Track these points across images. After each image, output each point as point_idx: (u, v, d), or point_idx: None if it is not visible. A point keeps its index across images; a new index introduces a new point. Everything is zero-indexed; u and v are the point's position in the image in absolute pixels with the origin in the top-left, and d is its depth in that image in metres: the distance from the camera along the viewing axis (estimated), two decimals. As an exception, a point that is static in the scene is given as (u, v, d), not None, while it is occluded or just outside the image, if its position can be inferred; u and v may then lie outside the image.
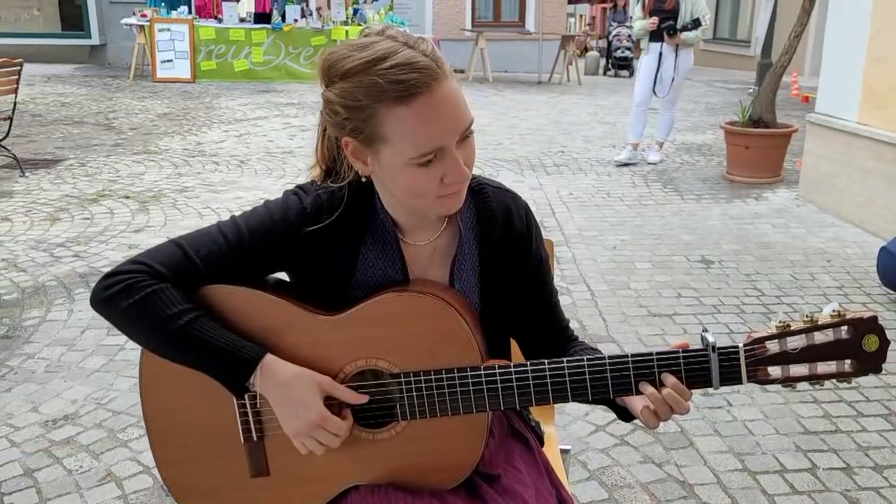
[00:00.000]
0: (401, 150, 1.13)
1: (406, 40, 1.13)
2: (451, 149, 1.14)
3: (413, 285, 1.27)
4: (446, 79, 1.12)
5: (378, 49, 1.11)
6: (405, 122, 1.11)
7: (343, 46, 1.16)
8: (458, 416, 1.21)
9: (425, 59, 1.11)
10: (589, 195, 5.94)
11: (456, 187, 1.18)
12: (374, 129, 1.13)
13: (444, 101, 1.12)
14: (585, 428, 2.79)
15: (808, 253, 4.69)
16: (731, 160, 6.50)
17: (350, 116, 1.14)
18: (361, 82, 1.11)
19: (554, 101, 11.40)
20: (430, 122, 1.11)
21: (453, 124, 1.13)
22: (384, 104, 1.10)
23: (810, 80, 12.87)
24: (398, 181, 1.18)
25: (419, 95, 1.09)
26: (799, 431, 2.79)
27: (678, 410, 1.18)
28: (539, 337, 1.38)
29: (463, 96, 1.16)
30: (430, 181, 1.15)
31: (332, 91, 1.16)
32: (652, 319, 3.72)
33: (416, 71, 1.09)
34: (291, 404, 1.18)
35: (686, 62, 6.80)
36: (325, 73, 1.17)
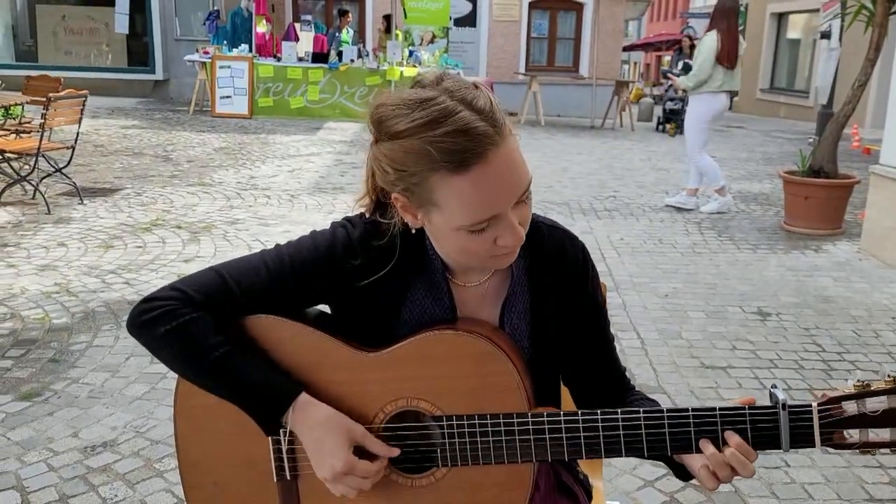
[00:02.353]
0: (453, 217, 1.07)
1: (463, 96, 1.05)
2: (507, 213, 1.08)
3: (461, 324, 1.21)
4: (504, 142, 1.05)
5: (432, 110, 1.04)
6: (458, 191, 1.04)
7: (395, 100, 1.09)
8: (502, 465, 1.14)
9: (482, 125, 1.03)
10: (641, 241, 5.82)
11: (509, 249, 1.12)
12: (425, 194, 1.07)
13: (501, 169, 1.04)
14: (633, 483, 2.66)
15: (871, 309, 4.49)
16: (790, 210, 6.32)
17: (400, 178, 1.09)
18: (413, 147, 1.04)
19: (606, 145, 11.33)
20: (485, 192, 1.04)
21: (510, 191, 1.07)
22: (436, 173, 1.04)
23: (871, 133, 12.58)
24: (450, 242, 1.12)
25: (474, 165, 1.03)
26: (864, 498, 2.62)
27: (742, 473, 1.08)
28: (593, 385, 1.29)
29: (521, 156, 1.08)
30: (483, 244, 1.10)
31: (381, 148, 1.10)
32: (705, 371, 3.57)
33: (472, 139, 1.02)
34: (320, 449, 1.12)
35: (693, 109, 6.72)
36: (376, 127, 1.11)
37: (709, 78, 6.56)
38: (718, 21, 6.54)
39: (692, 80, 6.63)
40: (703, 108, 6.71)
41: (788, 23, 20.05)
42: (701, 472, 1.10)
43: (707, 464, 1.09)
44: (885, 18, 5.81)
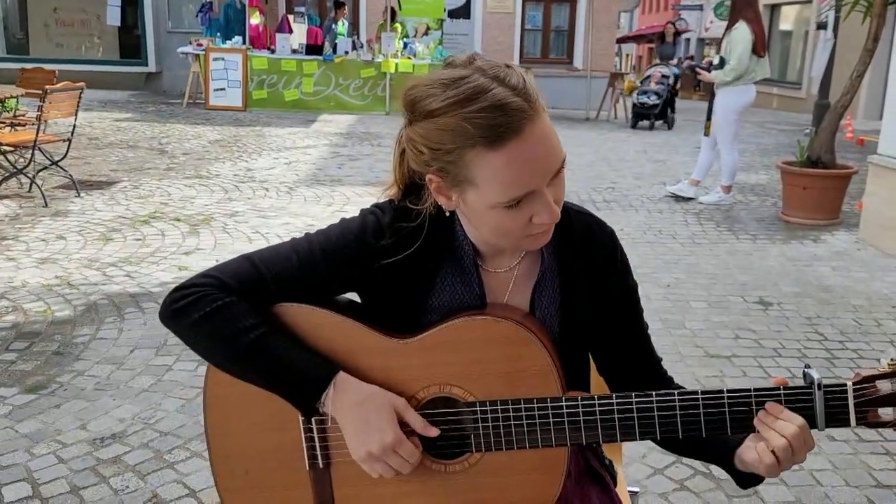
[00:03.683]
0: (489, 194, 1.07)
1: (495, 73, 1.05)
2: (543, 190, 1.08)
3: (491, 310, 1.20)
4: (539, 117, 1.05)
5: (466, 87, 1.04)
6: (495, 167, 1.04)
7: (427, 80, 1.09)
8: (535, 450, 1.14)
9: (517, 100, 1.03)
10: (641, 232, 5.83)
11: (545, 227, 1.12)
12: (461, 171, 1.07)
13: (536, 144, 1.05)
14: (643, 471, 2.67)
15: (871, 298, 4.51)
16: (788, 201, 6.34)
17: (435, 157, 1.08)
18: (448, 125, 1.04)
19: (602, 137, 11.33)
20: (521, 167, 1.04)
21: (546, 166, 1.07)
22: (472, 149, 1.04)
23: (863, 124, 12.63)
24: (484, 221, 1.12)
25: (510, 140, 1.03)
26: (871, 484, 2.64)
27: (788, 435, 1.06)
28: (628, 371, 1.29)
29: (554, 132, 1.08)
30: (519, 222, 1.09)
31: (415, 129, 1.10)
32: (709, 360, 3.59)
33: (507, 114, 1.02)
34: (366, 424, 1.11)
35: (724, 102, 6.64)
36: (409, 108, 1.10)
37: (745, 69, 6.48)
38: (744, 10, 6.41)
39: (731, 73, 6.46)
40: (734, 99, 6.60)
41: (781, 14, 20.08)
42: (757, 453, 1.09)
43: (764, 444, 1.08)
44: (883, 8, 5.82)
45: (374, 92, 12.77)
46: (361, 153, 8.97)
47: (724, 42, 6.62)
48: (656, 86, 12.75)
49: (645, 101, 12.70)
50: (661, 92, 12.67)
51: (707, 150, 6.95)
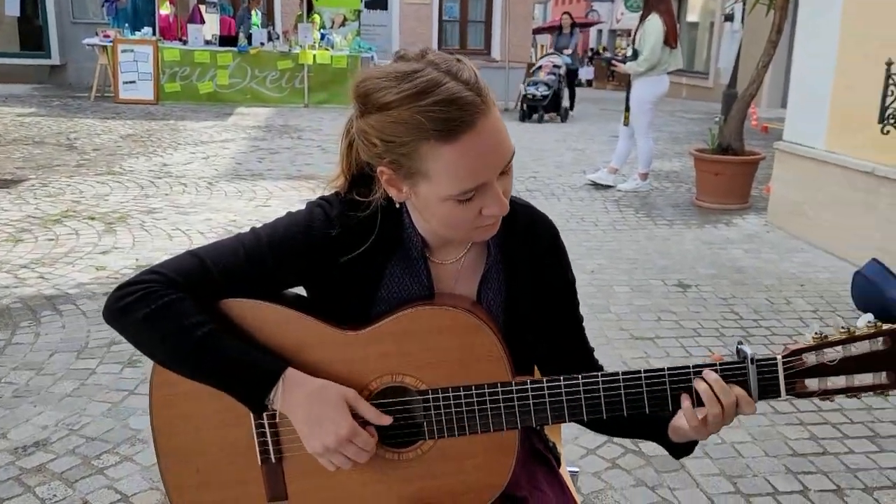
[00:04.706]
0: (442, 186, 1.08)
1: (448, 67, 1.07)
2: (493, 183, 1.10)
3: (440, 299, 1.22)
4: (490, 111, 1.07)
5: (420, 81, 1.05)
6: (448, 160, 1.06)
7: (379, 73, 1.09)
8: (487, 434, 1.17)
9: (469, 94, 1.05)
10: (564, 220, 5.96)
11: (494, 219, 1.14)
12: (414, 164, 1.08)
13: (488, 137, 1.06)
14: (577, 452, 2.75)
15: (781, 278, 4.75)
16: (701, 187, 6.60)
17: (388, 150, 1.09)
18: (402, 118, 1.05)
19: (521, 127, 11.48)
20: (474, 160, 1.06)
21: (497, 159, 1.09)
22: (426, 142, 1.05)
23: (767, 112, 13.21)
24: (435, 213, 1.13)
25: (463, 133, 1.04)
26: (788, 454, 2.79)
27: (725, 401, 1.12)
28: (563, 362, 1.32)
29: (504, 125, 1.10)
30: (469, 214, 1.11)
31: (367, 121, 1.10)
32: (634, 343, 3.71)
33: (461, 108, 1.04)
34: (318, 418, 1.11)
35: (639, 92, 6.86)
36: (361, 101, 1.10)
37: (658, 60, 6.71)
38: (656, 3, 6.65)
39: (644, 64, 6.68)
40: (649, 90, 6.83)
41: (688, 6, 20.77)
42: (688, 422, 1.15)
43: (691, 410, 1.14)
44: (785, 1, 6.10)
45: (291, 84, 12.56)
46: (282, 146, 8.83)
47: (638, 34, 6.82)
48: (546, 76, 12.23)
49: (534, 93, 12.06)
50: (552, 83, 12.15)
51: (625, 138, 7.16)
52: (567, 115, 12.67)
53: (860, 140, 4.93)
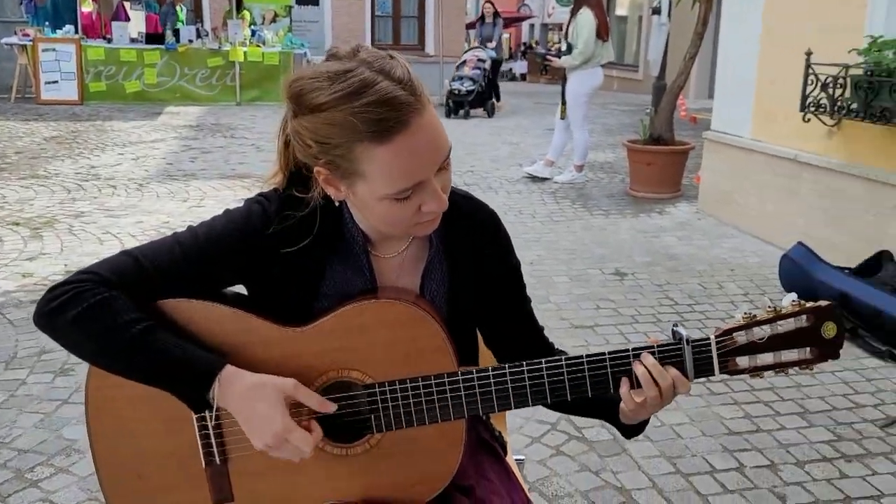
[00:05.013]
0: (378, 186, 1.08)
1: (381, 66, 1.06)
2: (431, 180, 1.09)
3: (384, 293, 1.22)
4: (425, 109, 1.06)
5: (352, 81, 1.03)
6: (383, 161, 1.05)
7: (312, 73, 1.07)
8: (434, 426, 1.17)
9: (403, 94, 1.04)
10: (502, 212, 5.88)
11: (434, 215, 1.14)
12: (350, 165, 1.07)
13: (423, 136, 1.06)
14: (522, 441, 2.78)
15: (712, 263, 4.90)
16: (634, 177, 6.74)
17: (323, 151, 1.08)
18: (335, 119, 1.04)
19: (456, 122, 11.52)
20: (409, 160, 1.06)
21: (433, 157, 1.09)
22: (361, 143, 1.04)
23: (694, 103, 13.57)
24: (375, 211, 1.13)
25: (398, 134, 1.04)
26: (724, 432, 2.88)
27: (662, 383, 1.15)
28: (515, 345, 1.34)
29: (440, 122, 1.10)
30: (408, 211, 1.11)
31: (301, 123, 1.08)
32: (575, 331, 3.77)
33: (395, 108, 1.03)
34: (254, 416, 1.10)
35: (574, 85, 6.97)
36: (294, 101, 1.09)
37: (592, 54, 6.82)
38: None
39: (579, 58, 6.79)
40: (584, 83, 6.94)
41: (616, 0, 21.15)
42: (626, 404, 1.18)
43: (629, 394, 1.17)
44: (709, -5, 6.28)
45: (223, 82, 12.32)
46: (214, 145, 8.65)
47: (570, 28, 6.93)
48: (471, 71, 11.98)
49: (459, 88, 11.81)
50: (477, 77, 11.90)
51: (561, 131, 7.26)
52: (493, 109, 12.49)
53: (783, 128, 5.11)
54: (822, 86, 4.51)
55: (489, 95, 12.33)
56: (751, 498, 2.47)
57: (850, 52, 4.25)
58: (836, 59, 4.37)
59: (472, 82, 11.87)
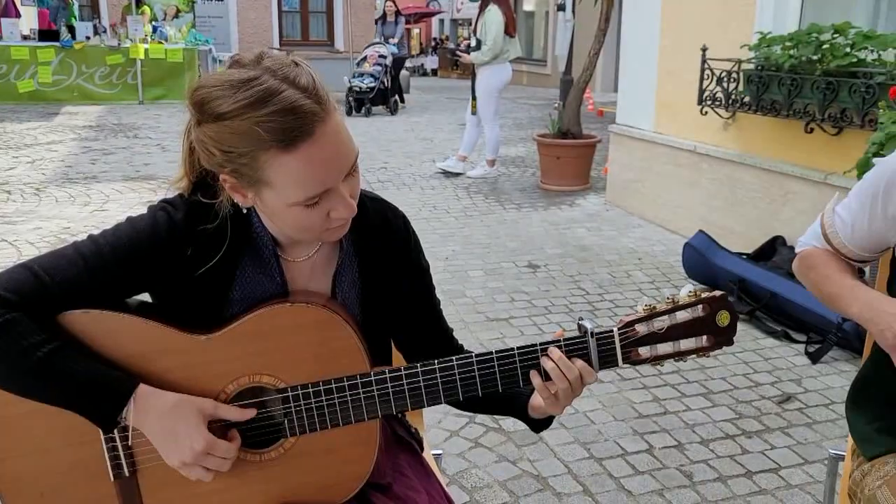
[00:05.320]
0: (285, 194, 1.08)
1: (285, 74, 1.05)
2: (338, 187, 1.10)
3: (295, 297, 1.22)
4: (330, 117, 1.06)
5: (256, 90, 1.03)
6: (289, 169, 1.05)
7: (215, 81, 1.06)
8: (349, 426, 1.18)
9: (308, 102, 1.03)
10: (416, 209, 6.04)
11: (343, 221, 1.15)
12: (255, 173, 1.07)
13: (329, 144, 1.06)
14: (440, 435, 2.82)
15: (621, 253, 5.06)
16: (544, 170, 6.89)
17: (228, 160, 1.07)
18: (239, 128, 1.03)
19: (369, 119, 11.48)
20: (315, 168, 1.06)
21: (339, 165, 1.09)
22: (266, 152, 1.04)
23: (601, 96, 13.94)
24: (283, 219, 1.13)
25: (303, 142, 1.03)
26: (634, 416, 2.99)
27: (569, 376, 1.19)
28: (424, 346, 1.37)
29: (347, 130, 1.11)
30: (317, 218, 1.11)
31: (205, 131, 1.07)
32: (490, 324, 3.84)
33: (299, 117, 1.03)
34: (174, 435, 1.09)
35: (485, 81, 7.06)
36: (197, 109, 1.07)
37: (501, 50, 6.91)
38: None
39: (488, 54, 6.87)
40: (493, 78, 7.03)
41: (524, -4, 21.49)
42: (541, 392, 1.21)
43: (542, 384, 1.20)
44: (610, -8, 6.46)
45: (123, 80, 11.88)
46: (116, 146, 8.35)
47: (479, 24, 7.01)
48: (372, 67, 11.69)
49: (360, 85, 11.51)
50: (378, 74, 11.65)
51: (472, 126, 7.34)
52: (397, 107, 12.27)
53: (683, 121, 5.32)
54: (718, 80, 4.72)
55: (392, 92, 12.12)
56: (660, 477, 2.58)
57: (741, 48, 4.46)
58: (729, 55, 4.59)
59: (373, 79, 11.62)
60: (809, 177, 4.23)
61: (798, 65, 4.03)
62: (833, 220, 1.47)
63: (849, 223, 1.44)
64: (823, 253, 1.50)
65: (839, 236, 1.46)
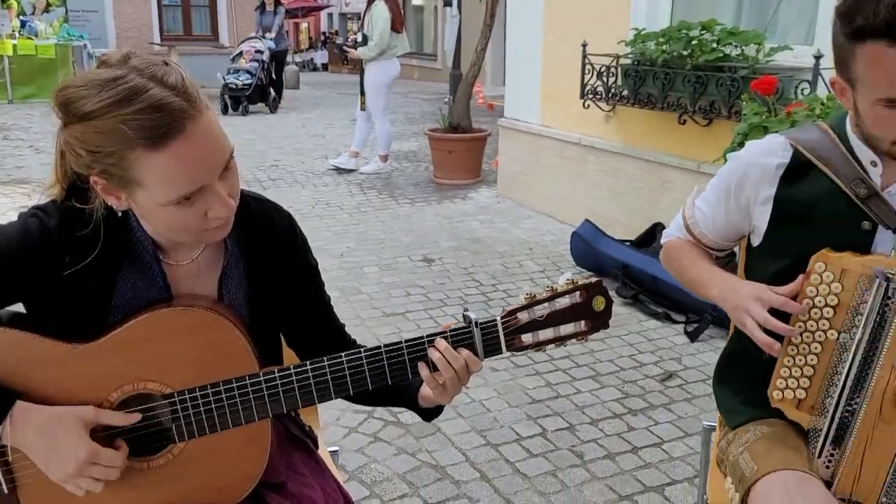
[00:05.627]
0: (158, 193, 1.06)
1: (152, 73, 1.04)
2: (214, 184, 1.10)
3: (179, 301, 1.21)
4: (200, 115, 1.06)
5: (122, 88, 1.01)
6: (159, 167, 1.04)
7: (80, 81, 1.05)
8: (239, 427, 1.19)
9: (176, 100, 1.03)
10: (310, 206, 5.99)
11: (222, 220, 1.14)
12: (125, 173, 1.05)
13: (200, 141, 1.06)
14: (339, 432, 2.83)
15: (513, 244, 5.19)
16: (437, 164, 6.96)
17: (96, 160, 1.05)
18: (104, 127, 1.02)
19: (258, 115, 11.24)
20: (187, 165, 1.05)
21: (212, 161, 1.09)
22: (133, 151, 1.03)
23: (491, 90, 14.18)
24: (159, 219, 1.12)
25: (172, 140, 1.03)
26: (528, 402, 3.09)
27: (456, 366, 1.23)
28: (316, 343, 1.38)
29: (220, 127, 1.11)
30: (194, 218, 1.11)
31: (71, 132, 1.05)
32: (387, 319, 3.86)
33: (167, 115, 1.02)
34: (55, 448, 1.07)
35: (373, 76, 7.07)
36: (62, 110, 1.05)
37: (388, 45, 6.90)
38: None
39: (375, 49, 6.87)
40: (381, 74, 7.03)
41: (412, -10, 21.54)
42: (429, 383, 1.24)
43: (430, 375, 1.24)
44: (495, -12, 6.59)
45: (-10, 78, 11.16)
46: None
47: (366, 20, 7.00)
48: (249, 63, 11.05)
49: (234, 82, 10.83)
50: (255, 70, 11.01)
51: (363, 122, 7.33)
52: (277, 105, 11.71)
53: (567, 114, 5.50)
54: (598, 74, 4.91)
55: (270, 89, 11.55)
56: (553, 459, 2.69)
57: (619, 44, 4.66)
58: (608, 50, 4.78)
59: (250, 75, 10.99)
60: (685, 166, 4.47)
61: (670, 60, 4.25)
62: (693, 212, 1.59)
63: (708, 215, 1.55)
64: (686, 243, 1.61)
65: (700, 227, 1.58)
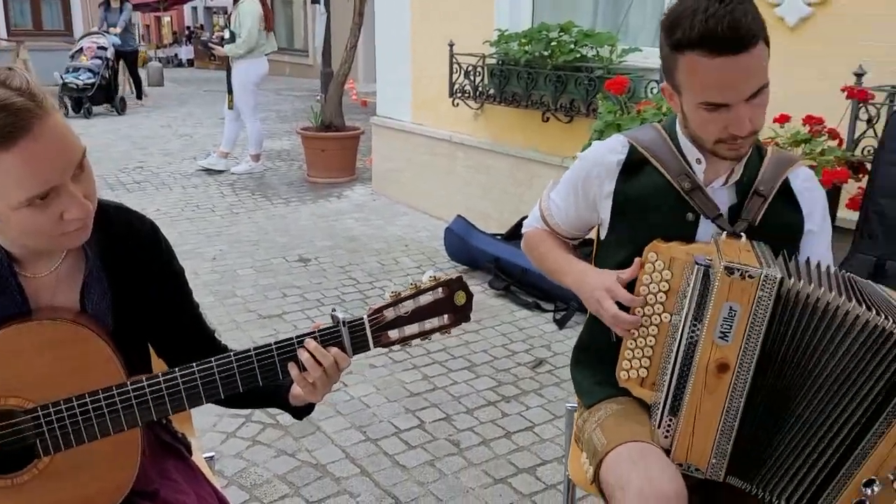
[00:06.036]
0: (9, 195, 1.06)
1: None
2: (67, 185, 1.09)
3: (39, 314, 1.19)
4: (49, 115, 1.06)
5: None
6: (8, 167, 1.04)
7: None
8: (108, 438, 1.18)
9: (21, 100, 1.03)
10: (179, 209, 5.81)
11: (79, 223, 1.14)
12: None
13: (50, 140, 1.06)
14: (216, 438, 2.80)
15: (389, 241, 5.26)
16: (310, 163, 6.92)
17: None
18: None
19: (121, 116, 10.75)
20: (37, 164, 1.05)
21: (63, 161, 1.09)
22: None
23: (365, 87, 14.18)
24: (11, 224, 1.10)
25: (20, 139, 1.03)
26: (406, 396, 3.16)
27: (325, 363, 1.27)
28: (186, 351, 1.37)
29: (70, 128, 1.11)
30: (49, 220, 1.10)
31: None
32: (263, 322, 3.83)
33: (13, 114, 1.02)
34: None
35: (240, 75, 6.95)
36: None
37: (256, 43, 6.78)
38: None
39: (243, 47, 6.74)
40: (249, 72, 6.90)
41: (280, -16, 21.14)
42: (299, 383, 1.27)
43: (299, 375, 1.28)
44: (363, -13, 6.62)
45: None
46: None
47: (234, 16, 6.85)
48: (90, 61, 10.29)
49: (74, 82, 10.05)
50: (97, 68, 10.28)
51: (231, 121, 7.18)
52: (125, 105, 11.00)
53: (438, 112, 5.62)
54: (465, 73, 5.05)
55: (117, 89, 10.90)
56: (431, 449, 2.77)
57: (484, 44, 4.80)
58: (474, 50, 4.92)
59: (92, 74, 10.21)
60: (550, 161, 4.67)
61: (532, 60, 4.43)
62: (549, 204, 1.71)
63: (562, 207, 1.68)
64: (543, 233, 1.73)
65: (554, 218, 1.70)
